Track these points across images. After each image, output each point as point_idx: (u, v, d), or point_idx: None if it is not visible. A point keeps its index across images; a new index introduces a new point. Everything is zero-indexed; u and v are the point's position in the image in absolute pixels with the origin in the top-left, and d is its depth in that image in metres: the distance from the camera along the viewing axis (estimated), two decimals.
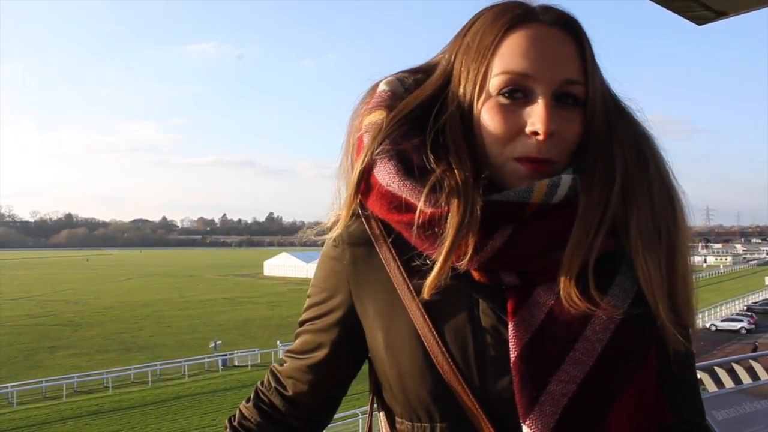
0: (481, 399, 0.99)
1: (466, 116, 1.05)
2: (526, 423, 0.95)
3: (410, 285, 1.04)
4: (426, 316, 1.02)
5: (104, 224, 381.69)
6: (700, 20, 2.59)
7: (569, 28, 1.03)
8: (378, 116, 1.09)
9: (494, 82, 1.01)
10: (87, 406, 32.16)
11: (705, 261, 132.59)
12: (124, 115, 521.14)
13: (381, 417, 1.19)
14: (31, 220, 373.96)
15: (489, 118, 1.02)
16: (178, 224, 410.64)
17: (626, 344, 0.98)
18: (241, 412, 1.23)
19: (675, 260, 1.01)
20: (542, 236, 0.99)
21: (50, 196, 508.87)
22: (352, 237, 1.12)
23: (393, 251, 1.07)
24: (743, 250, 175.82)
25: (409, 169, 1.02)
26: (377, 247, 1.09)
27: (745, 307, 58.83)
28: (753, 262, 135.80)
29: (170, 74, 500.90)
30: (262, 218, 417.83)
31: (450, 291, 1.02)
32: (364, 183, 1.07)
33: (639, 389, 0.99)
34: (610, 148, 1.02)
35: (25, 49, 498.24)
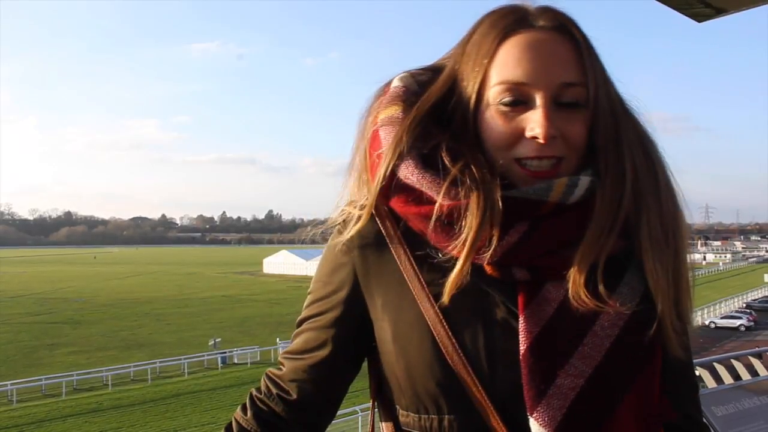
0: (490, 391, 1.00)
1: (470, 124, 1.07)
2: (533, 416, 0.96)
3: (421, 278, 1.05)
4: (436, 308, 1.03)
5: (104, 222, 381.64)
6: (700, 17, 2.59)
7: (564, 30, 1.04)
8: (394, 110, 1.10)
9: (493, 92, 1.03)
10: (86, 403, 32.17)
11: (704, 258, 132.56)
12: (128, 113, 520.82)
13: (381, 411, 1.19)
14: (31, 218, 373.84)
15: (491, 125, 1.03)
16: (178, 222, 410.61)
17: (634, 340, 1.00)
18: (238, 423, 1.18)
19: (680, 264, 1.04)
20: (556, 234, 1.01)
21: (50, 194, 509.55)
22: (362, 231, 1.12)
23: (404, 245, 1.08)
24: (742, 248, 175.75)
25: (428, 164, 1.03)
26: (388, 241, 1.10)
27: (745, 305, 58.81)
28: (752, 259, 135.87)
29: (174, 72, 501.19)
30: (261, 216, 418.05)
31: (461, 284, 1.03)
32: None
33: (645, 385, 1.00)
34: (619, 149, 1.04)
35: (28, 46, 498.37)
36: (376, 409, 1.22)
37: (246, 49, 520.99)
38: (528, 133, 1.00)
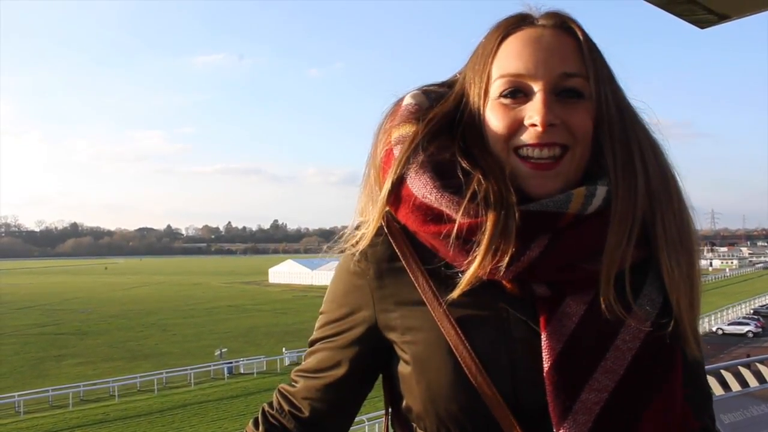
0: (516, 410, 0.99)
1: (478, 122, 1.08)
2: (560, 431, 0.97)
3: (440, 299, 1.04)
4: (458, 329, 1.02)
5: (109, 233, 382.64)
6: (702, 24, 2.59)
7: (565, 27, 1.06)
8: (407, 129, 1.10)
9: (494, 87, 1.05)
10: (93, 414, 32.16)
11: (711, 264, 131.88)
12: (133, 124, 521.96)
13: (397, 430, 1.18)
14: (37, 229, 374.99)
15: (492, 117, 1.05)
16: (183, 232, 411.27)
17: (655, 353, 1.00)
18: None
19: (694, 271, 1.05)
20: (577, 246, 1.00)
21: (56, 206, 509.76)
22: (377, 253, 1.11)
23: (421, 266, 1.07)
24: (749, 254, 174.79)
25: (445, 180, 1.03)
26: (404, 263, 1.08)
27: (752, 311, 58.58)
28: (759, 265, 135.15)
29: (179, 84, 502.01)
30: (266, 225, 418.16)
31: (481, 304, 1.03)
32: (394, 195, 1.07)
33: (668, 396, 1.01)
34: (628, 148, 1.04)
35: (34, 59, 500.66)
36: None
37: (251, 60, 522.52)
38: (527, 121, 1.01)
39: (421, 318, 1.06)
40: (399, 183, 1.07)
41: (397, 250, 1.09)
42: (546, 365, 0.98)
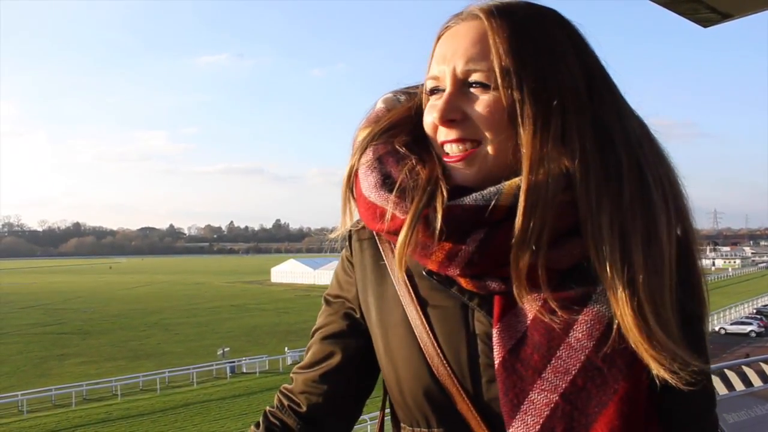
0: (477, 403, 1.00)
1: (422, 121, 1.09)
2: (509, 430, 0.94)
3: (413, 294, 1.07)
4: (424, 321, 1.04)
5: (112, 232, 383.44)
6: (705, 23, 2.58)
7: (478, 18, 1.00)
8: (366, 132, 1.13)
9: (427, 88, 1.06)
10: (96, 414, 32.23)
11: (713, 264, 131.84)
12: (137, 124, 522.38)
13: (393, 426, 1.19)
14: (40, 229, 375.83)
15: (425, 116, 1.06)
16: (186, 232, 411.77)
17: (612, 353, 0.92)
18: None
19: (655, 275, 0.92)
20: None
21: (59, 206, 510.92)
22: (363, 245, 1.17)
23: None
24: (752, 253, 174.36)
25: (388, 179, 1.03)
26: (384, 257, 1.13)
27: (755, 310, 58.38)
28: (762, 264, 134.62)
29: (182, 84, 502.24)
30: (269, 225, 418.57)
31: (448, 299, 1.04)
32: (353, 195, 1.10)
33: (626, 401, 0.92)
34: (543, 139, 0.94)
35: (37, 60, 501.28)
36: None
37: (254, 60, 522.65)
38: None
39: (394, 312, 1.10)
40: (353, 184, 1.10)
41: (380, 249, 1.14)
42: (496, 362, 0.96)
